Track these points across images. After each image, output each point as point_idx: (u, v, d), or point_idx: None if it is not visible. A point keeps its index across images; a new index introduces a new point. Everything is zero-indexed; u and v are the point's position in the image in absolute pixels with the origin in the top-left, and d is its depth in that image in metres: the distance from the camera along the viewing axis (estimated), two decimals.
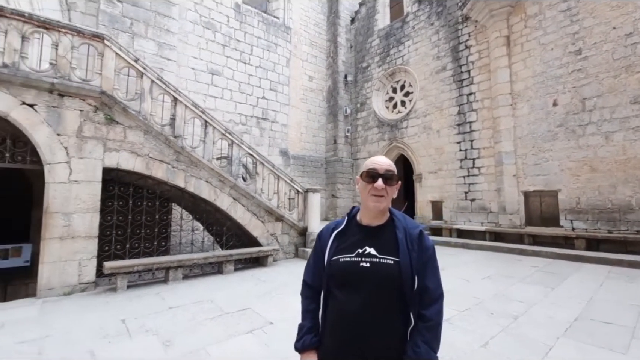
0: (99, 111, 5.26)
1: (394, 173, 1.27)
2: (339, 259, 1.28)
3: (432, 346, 1.20)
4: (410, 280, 1.20)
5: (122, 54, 5.49)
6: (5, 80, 4.56)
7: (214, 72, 10.10)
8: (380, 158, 1.32)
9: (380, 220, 1.32)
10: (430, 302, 1.23)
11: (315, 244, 1.44)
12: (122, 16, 7.92)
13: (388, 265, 1.22)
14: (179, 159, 5.92)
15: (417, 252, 1.25)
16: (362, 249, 1.26)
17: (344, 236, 1.33)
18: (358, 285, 1.22)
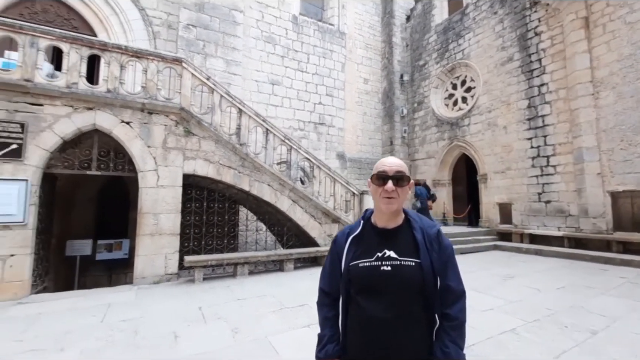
0: (179, 125, 6.06)
1: (404, 174, 1.25)
2: (358, 264, 1.26)
3: (459, 345, 1.19)
4: (432, 281, 1.20)
5: (197, 73, 6.25)
6: (109, 103, 5.55)
7: (275, 82, 10.78)
8: (390, 159, 1.30)
9: (396, 222, 1.30)
10: (453, 301, 1.23)
11: (330, 250, 1.40)
12: (196, 39, 8.94)
13: (410, 267, 1.21)
14: (244, 165, 6.50)
15: (437, 252, 1.24)
16: (382, 252, 1.25)
17: (361, 240, 1.31)
18: (380, 289, 1.21)
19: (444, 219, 11.82)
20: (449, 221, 11.83)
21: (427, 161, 12.76)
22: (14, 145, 4.98)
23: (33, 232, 5.05)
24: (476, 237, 9.37)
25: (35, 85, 5.07)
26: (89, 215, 8.09)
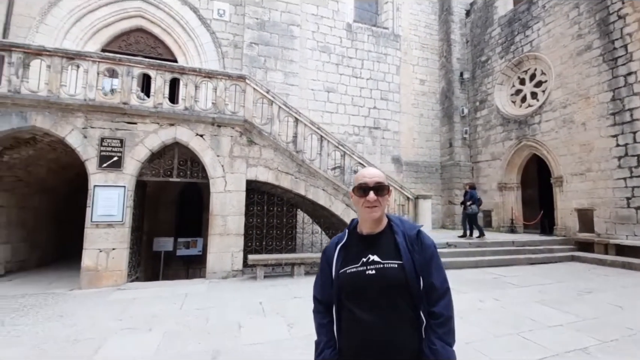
0: (243, 135, 6.70)
1: (383, 184, 1.31)
2: (346, 271, 1.31)
3: (446, 341, 1.22)
4: (415, 280, 1.24)
5: (258, 88, 6.86)
6: (186, 119, 6.39)
7: (330, 89, 11.16)
8: (369, 171, 1.37)
9: (379, 227, 1.35)
10: (437, 299, 1.26)
11: (321, 259, 1.47)
12: (258, 55, 9.72)
13: (393, 269, 1.25)
14: (300, 171, 6.91)
15: (418, 252, 1.29)
16: (366, 257, 1.30)
17: (348, 248, 1.37)
18: (367, 293, 1.26)
19: (512, 225, 10.90)
20: (518, 228, 10.87)
21: (492, 163, 11.93)
22: (115, 158, 6.04)
23: (129, 230, 6.05)
24: (549, 247, 8.52)
25: (130, 107, 6.10)
26: (171, 216, 9.32)
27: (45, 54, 5.90)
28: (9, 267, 6.74)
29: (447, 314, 1.25)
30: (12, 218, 6.75)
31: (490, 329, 3.89)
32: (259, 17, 9.85)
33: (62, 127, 5.83)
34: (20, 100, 5.59)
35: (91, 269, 5.72)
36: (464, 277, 6.47)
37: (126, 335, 3.78)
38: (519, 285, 5.88)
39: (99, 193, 5.89)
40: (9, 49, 5.77)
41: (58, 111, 5.81)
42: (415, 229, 1.35)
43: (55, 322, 4.13)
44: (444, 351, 1.20)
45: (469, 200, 8.65)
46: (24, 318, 4.25)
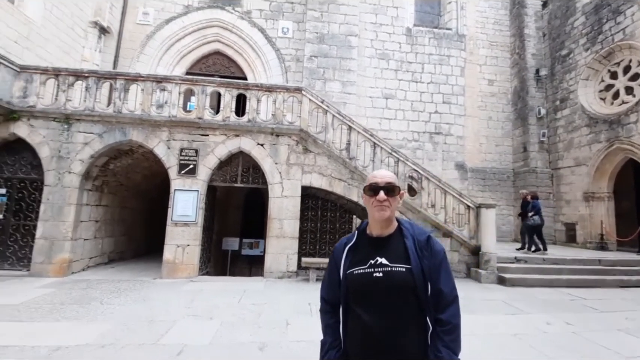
0: (299, 144, 7.11)
1: (395, 184, 1.32)
2: (354, 272, 1.31)
3: (453, 349, 1.21)
4: (423, 286, 1.23)
5: (313, 98, 7.22)
6: (249, 130, 7.04)
7: (388, 96, 11.09)
8: (381, 172, 1.38)
9: (389, 230, 1.35)
10: (445, 306, 1.24)
11: (329, 260, 1.47)
12: (318, 68, 10.19)
13: (400, 273, 1.24)
14: (353, 177, 7.03)
15: (427, 257, 1.27)
16: (374, 259, 1.30)
17: (356, 249, 1.37)
18: (373, 295, 1.26)
19: (602, 241, 9.33)
20: (610, 245, 9.26)
21: (576, 169, 10.42)
22: (191, 165, 6.93)
23: (201, 229, 6.86)
24: None
25: (204, 121, 6.96)
26: (238, 219, 10.24)
27: (140, 79, 7.12)
28: (111, 256, 8.17)
29: (455, 321, 1.24)
30: (115, 216, 8.19)
31: (549, 353, 3.49)
32: (319, 31, 10.34)
33: (151, 140, 6.93)
34: (121, 119, 6.83)
35: (170, 261, 6.63)
36: (532, 296, 5.83)
37: (191, 321, 4.33)
38: (602, 310, 5.08)
39: (178, 196, 6.83)
40: (114, 77, 7.11)
41: (149, 127, 6.93)
42: (426, 234, 1.34)
43: (139, 304, 4.92)
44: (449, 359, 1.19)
45: (531, 211, 7.78)
46: (117, 299, 5.15)
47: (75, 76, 7.00)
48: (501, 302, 5.42)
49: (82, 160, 6.71)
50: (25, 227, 6.67)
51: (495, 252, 6.65)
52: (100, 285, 5.94)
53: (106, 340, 3.58)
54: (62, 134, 6.74)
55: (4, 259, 6.56)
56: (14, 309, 4.48)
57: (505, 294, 5.94)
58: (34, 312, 4.40)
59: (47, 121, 6.73)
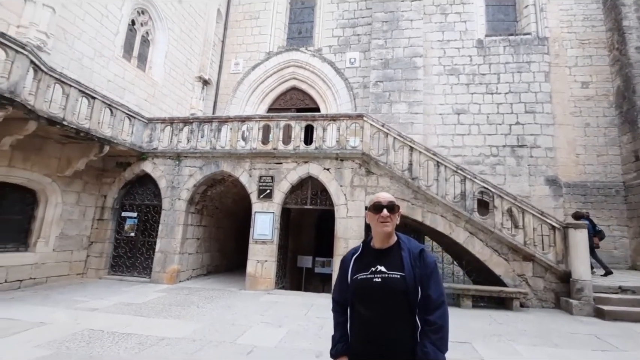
0: (362, 167, 7.48)
1: (395, 204, 1.58)
2: (358, 277, 1.56)
3: (438, 346, 1.39)
4: (414, 291, 1.44)
5: (374, 123, 7.58)
6: (316, 157, 7.73)
7: (460, 111, 10.66)
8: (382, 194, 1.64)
9: (389, 243, 1.59)
10: (433, 309, 1.43)
11: (339, 267, 1.71)
12: (383, 92, 10.55)
13: (395, 279, 1.47)
14: (416, 197, 7.02)
15: (419, 267, 1.48)
16: (375, 267, 1.53)
17: (362, 259, 1.62)
18: (373, 297, 1.49)
19: None
20: None
21: None
22: (268, 190, 7.92)
23: (276, 247, 7.69)
24: None
25: (278, 151, 7.94)
26: (311, 238, 10.95)
27: (229, 120, 8.58)
28: (209, 269, 9.66)
29: (441, 322, 1.43)
30: (212, 234, 9.73)
31: None
32: (383, 57, 10.76)
33: (237, 170, 8.21)
34: (215, 154, 8.30)
35: (252, 275, 7.58)
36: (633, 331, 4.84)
37: (263, 327, 4.98)
38: None
39: (258, 217, 7.85)
40: (210, 120, 8.74)
41: (235, 159, 8.24)
42: (419, 248, 1.57)
43: (225, 310, 5.83)
44: (434, 354, 1.37)
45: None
46: (209, 304, 6.18)
47: (184, 122, 8.86)
48: (592, 337, 4.65)
49: (187, 189, 8.34)
50: (148, 243, 8.52)
51: (589, 280, 5.68)
52: (198, 292, 7.17)
53: (197, 336, 4.44)
54: (174, 168, 8.52)
55: (134, 268, 8.46)
56: (138, 307, 5.82)
57: (599, 327, 5.04)
58: (150, 310, 5.65)
59: (165, 159, 8.62)
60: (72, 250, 7.97)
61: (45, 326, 4.56)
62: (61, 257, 7.68)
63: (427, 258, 1.53)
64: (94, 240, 8.47)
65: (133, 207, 8.81)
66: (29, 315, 4.95)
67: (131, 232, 8.65)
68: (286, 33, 13.57)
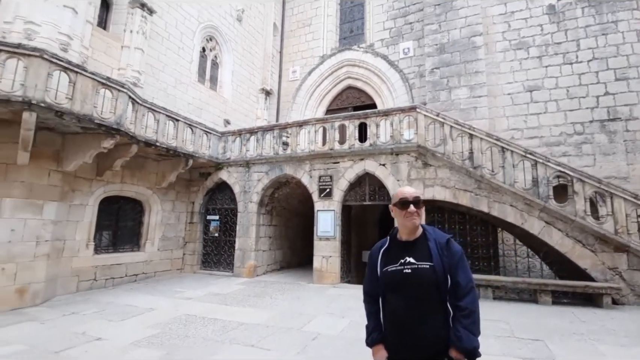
0: (418, 159, 7.36)
1: (419, 198, 1.65)
2: (388, 269, 1.62)
3: (471, 330, 1.46)
4: (444, 279, 1.51)
5: (428, 114, 7.38)
6: (371, 153, 7.85)
7: (532, 88, 9.55)
8: (407, 189, 1.70)
9: (415, 235, 1.66)
10: (463, 295, 1.50)
11: (368, 261, 1.79)
12: (440, 79, 10.08)
13: (425, 269, 1.54)
14: (480, 187, 6.64)
15: (447, 256, 1.54)
16: (404, 259, 1.59)
17: (389, 251, 1.68)
18: (404, 287, 1.55)
19: None
20: None
21: None
22: (328, 189, 8.32)
23: (339, 243, 8.05)
24: None
25: (334, 151, 8.28)
26: (374, 234, 11.03)
27: (288, 126, 9.23)
28: (282, 264, 10.50)
29: (471, 307, 1.50)
30: (282, 233, 10.56)
31: None
32: (438, 42, 10.25)
33: (298, 172, 8.79)
34: (278, 158, 9.02)
35: (318, 269, 8.08)
36: None
37: (328, 317, 5.37)
38: None
39: (320, 215, 8.31)
40: (272, 128, 9.51)
41: (296, 162, 8.84)
42: (445, 238, 1.63)
43: (295, 301, 6.39)
44: (467, 338, 1.44)
45: None
46: (281, 296, 6.83)
47: (250, 132, 9.81)
48: None
49: (257, 192, 9.23)
50: (229, 241, 9.67)
51: None
52: (272, 285, 7.94)
53: (269, 323, 5.04)
54: (244, 175, 9.52)
55: (219, 264, 9.70)
56: (223, 297, 6.75)
57: None
58: (232, 299, 6.51)
59: (237, 167, 9.68)
60: (171, 249, 9.50)
61: (153, 311, 5.66)
62: (164, 255, 9.23)
63: (454, 247, 1.60)
64: (188, 240, 9.95)
65: (215, 211, 10.09)
66: (142, 302, 6.19)
67: (215, 232, 9.92)
68: (338, 34, 13.83)
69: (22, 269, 5.82)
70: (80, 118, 5.75)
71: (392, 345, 1.60)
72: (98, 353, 3.89)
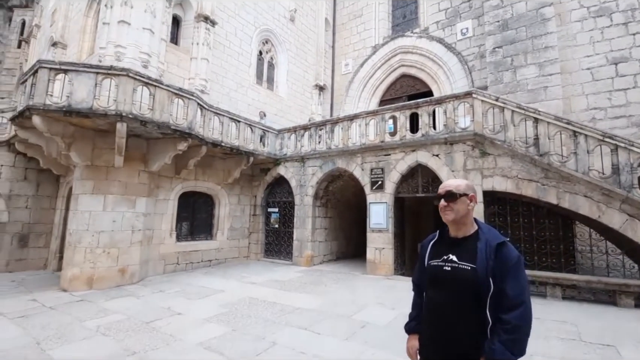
0: (475, 148, 6.97)
1: (452, 192, 1.53)
2: (431, 263, 1.59)
3: (509, 347, 1.30)
4: (485, 284, 1.38)
5: (485, 98, 6.91)
6: (423, 144, 7.66)
7: (617, 60, 8.18)
8: (447, 182, 1.62)
9: (463, 232, 1.56)
10: (509, 307, 1.34)
11: (419, 252, 1.76)
12: (503, 58, 9.24)
13: (465, 271, 1.45)
14: (547, 176, 6.06)
15: (494, 260, 1.39)
16: (447, 255, 1.54)
17: (437, 245, 1.64)
18: (441, 284, 1.51)
19: None
20: None
21: None
22: (379, 182, 8.35)
23: (392, 235, 8.06)
24: None
25: (385, 143, 8.26)
26: (430, 226, 10.68)
27: (340, 121, 9.42)
28: (337, 255, 10.85)
29: (516, 322, 1.32)
30: (337, 225, 10.88)
31: None
32: (500, 18, 9.35)
33: (350, 165, 8.96)
34: (331, 152, 9.29)
35: (371, 261, 8.22)
36: None
37: (378, 307, 5.53)
38: None
39: (372, 208, 8.40)
40: (324, 123, 9.80)
41: (348, 155, 9.01)
42: (498, 241, 1.47)
43: (347, 290, 6.67)
44: (501, 354, 1.30)
45: None
46: (335, 285, 7.16)
47: (303, 129, 10.24)
48: None
49: (312, 185, 9.66)
50: (288, 232, 10.31)
51: None
52: (327, 274, 8.32)
53: (322, 309, 5.39)
54: (300, 169, 10.01)
55: (279, 253, 10.42)
56: (282, 283, 7.32)
57: None
58: (290, 286, 7.03)
59: (292, 162, 10.22)
60: (238, 238, 10.50)
61: (223, 293, 6.44)
62: (232, 244, 10.26)
63: (507, 252, 1.44)
64: (252, 231, 10.88)
65: (274, 204, 10.82)
66: (214, 285, 7.06)
67: (275, 224, 10.66)
68: (390, 22, 13.45)
69: (122, 253, 7.08)
70: (159, 125, 6.71)
71: (423, 340, 1.62)
72: (178, 325, 4.64)
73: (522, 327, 1.33)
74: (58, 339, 4.09)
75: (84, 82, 6.12)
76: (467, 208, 1.52)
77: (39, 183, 9.05)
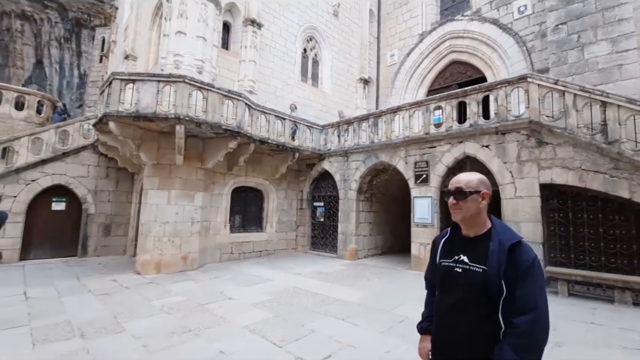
0: (530, 137, 6.42)
1: (462, 189, 1.41)
2: (442, 263, 1.51)
3: (518, 352, 1.23)
4: (497, 288, 1.30)
5: (543, 82, 6.30)
6: (472, 134, 7.25)
7: None
8: (458, 177, 1.49)
9: (475, 231, 1.45)
10: (521, 312, 1.26)
11: (431, 248, 1.67)
12: (568, 36, 8.27)
13: (475, 273, 1.36)
14: (617, 167, 5.37)
15: (507, 263, 1.30)
16: (458, 256, 1.44)
17: (448, 244, 1.55)
18: (451, 286, 1.44)
19: None
20: None
21: None
22: (424, 175, 8.12)
23: (437, 230, 7.80)
24: None
25: (430, 135, 7.98)
26: None
27: (382, 114, 9.29)
28: (383, 249, 10.79)
29: (527, 328, 1.25)
30: (382, 219, 10.80)
31: None
32: None
33: (394, 159, 8.83)
34: (374, 147, 9.23)
35: (415, 256, 8.06)
36: None
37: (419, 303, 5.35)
38: None
39: (416, 202, 8.21)
40: (367, 117, 9.75)
41: (391, 149, 8.88)
42: (512, 241, 1.35)
43: (389, 285, 6.67)
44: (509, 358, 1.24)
45: None
46: (377, 279, 7.20)
47: (347, 123, 10.30)
48: None
49: (355, 180, 9.72)
50: (332, 226, 10.52)
51: None
52: (370, 268, 8.37)
53: (362, 302, 5.50)
54: (343, 164, 10.12)
55: (325, 246, 10.68)
56: (325, 275, 7.56)
57: None
58: (333, 278, 7.24)
59: (336, 157, 10.36)
60: (286, 231, 10.99)
61: (270, 282, 6.86)
62: (280, 236, 10.78)
63: (521, 253, 1.33)
64: (299, 224, 11.30)
65: (320, 198, 11.09)
66: (263, 274, 7.54)
67: (320, 218, 10.94)
68: (438, 6, 12.75)
69: (184, 242, 7.91)
70: (212, 126, 7.32)
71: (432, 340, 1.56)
72: (228, 308, 5.11)
73: (533, 332, 1.25)
74: (130, 314, 4.79)
75: (148, 90, 6.91)
76: (479, 207, 1.41)
77: (118, 180, 10.41)
